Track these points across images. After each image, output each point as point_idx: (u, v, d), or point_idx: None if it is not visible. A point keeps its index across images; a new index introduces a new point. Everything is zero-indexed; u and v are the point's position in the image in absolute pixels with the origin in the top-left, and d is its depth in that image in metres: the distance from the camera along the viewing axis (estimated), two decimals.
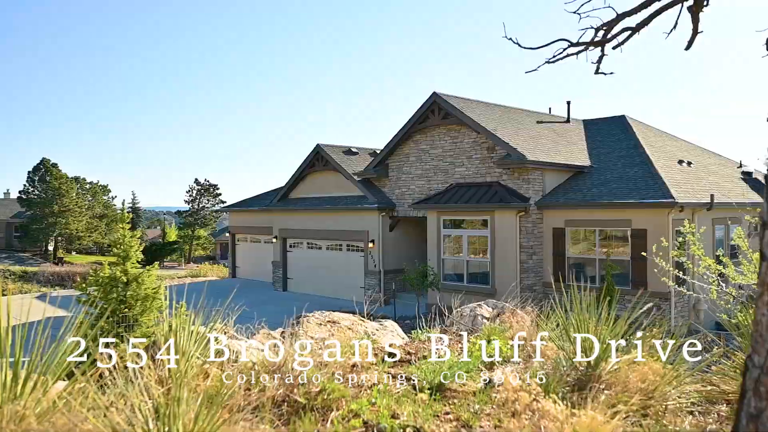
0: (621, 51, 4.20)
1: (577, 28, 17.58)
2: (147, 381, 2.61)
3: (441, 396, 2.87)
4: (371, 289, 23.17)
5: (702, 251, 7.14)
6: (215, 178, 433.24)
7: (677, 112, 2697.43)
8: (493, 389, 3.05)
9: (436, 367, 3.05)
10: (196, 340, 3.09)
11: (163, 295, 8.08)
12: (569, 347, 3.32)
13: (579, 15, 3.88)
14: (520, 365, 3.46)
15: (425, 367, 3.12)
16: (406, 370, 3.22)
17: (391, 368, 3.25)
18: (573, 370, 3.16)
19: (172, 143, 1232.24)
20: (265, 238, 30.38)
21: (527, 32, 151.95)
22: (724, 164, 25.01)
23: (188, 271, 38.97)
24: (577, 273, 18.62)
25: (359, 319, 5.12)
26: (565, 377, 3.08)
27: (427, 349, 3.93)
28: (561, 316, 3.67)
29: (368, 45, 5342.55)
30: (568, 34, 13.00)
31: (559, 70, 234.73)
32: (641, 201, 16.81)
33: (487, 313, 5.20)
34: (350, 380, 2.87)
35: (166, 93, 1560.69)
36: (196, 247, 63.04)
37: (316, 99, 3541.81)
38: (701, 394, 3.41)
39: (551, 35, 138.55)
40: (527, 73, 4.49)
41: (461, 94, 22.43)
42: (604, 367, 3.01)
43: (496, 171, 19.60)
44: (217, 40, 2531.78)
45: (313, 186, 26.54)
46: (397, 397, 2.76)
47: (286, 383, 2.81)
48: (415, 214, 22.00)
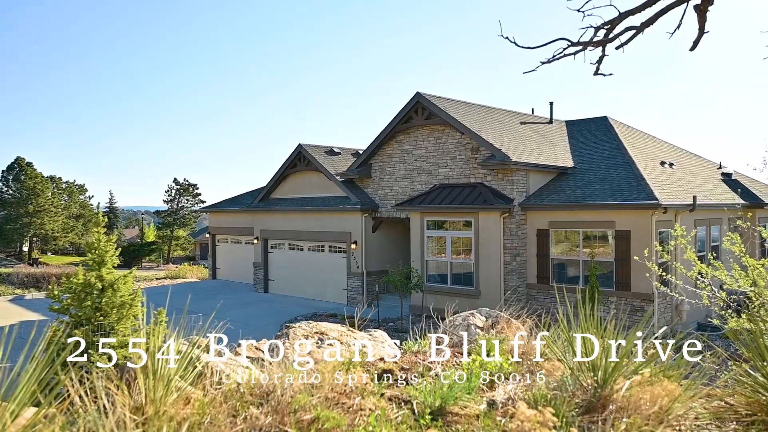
0: (623, 51, 4.03)
1: (574, 27, 17.38)
2: (121, 411, 2.37)
3: (443, 421, 2.66)
4: (354, 290, 22.94)
5: (695, 255, 7.02)
6: (195, 178, 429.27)
7: (654, 113, 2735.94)
8: (497, 412, 2.85)
9: (436, 388, 2.84)
10: (176, 360, 2.84)
11: (140, 301, 7.78)
12: (574, 364, 3.14)
13: (583, 13, 3.71)
14: (521, 383, 3.27)
15: (424, 387, 2.91)
16: (403, 391, 3.01)
17: (388, 389, 3.04)
18: (580, 390, 2.97)
19: (151, 142, 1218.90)
20: (246, 239, 29.98)
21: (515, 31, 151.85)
22: (704, 165, 25.21)
23: (167, 272, 38.32)
24: (560, 274, 18.60)
25: (348, 330, 4.89)
26: (572, 398, 2.90)
27: (422, 364, 3.72)
28: (564, 328, 3.48)
29: (351, 45, 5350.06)
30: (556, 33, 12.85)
31: (547, 71, 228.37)
32: (625, 202, 16.81)
33: (481, 322, 5.01)
34: (344, 405, 2.66)
35: (145, 91, 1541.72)
36: (175, 248, 62.17)
37: (299, 99, 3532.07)
38: (709, 411, 3.25)
39: (540, 34, 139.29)
40: (525, 74, 4.31)
41: (444, 94, 22.30)
42: (615, 387, 2.83)
43: (480, 172, 19.48)
44: (198, 38, 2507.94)
45: (295, 186, 26.22)
46: (396, 425, 2.55)
47: (275, 408, 2.59)
48: (399, 215, 21.81)
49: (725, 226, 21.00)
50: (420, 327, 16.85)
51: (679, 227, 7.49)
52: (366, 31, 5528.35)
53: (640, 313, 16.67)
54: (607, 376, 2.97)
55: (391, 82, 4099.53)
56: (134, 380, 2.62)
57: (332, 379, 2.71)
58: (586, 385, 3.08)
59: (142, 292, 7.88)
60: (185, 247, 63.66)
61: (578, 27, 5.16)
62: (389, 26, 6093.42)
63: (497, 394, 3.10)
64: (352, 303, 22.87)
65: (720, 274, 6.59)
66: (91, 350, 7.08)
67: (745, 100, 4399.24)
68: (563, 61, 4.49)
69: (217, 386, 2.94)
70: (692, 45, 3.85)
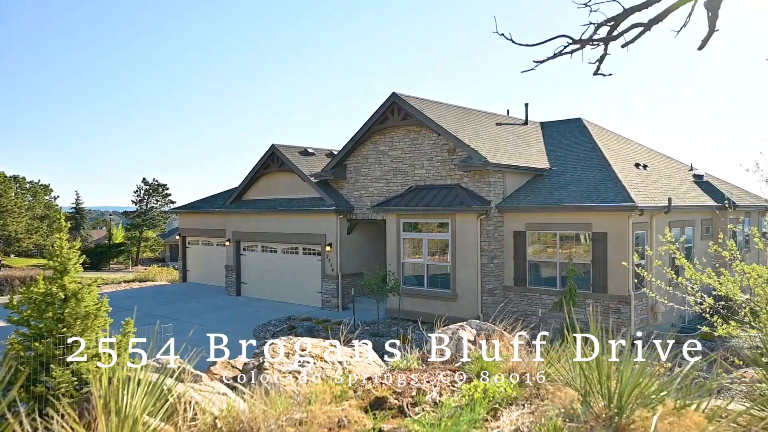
0: (627, 50, 3.79)
1: (566, 23, 16.98)
2: None
3: None
4: (329, 293, 22.55)
5: (685, 260, 6.87)
6: (165, 179, 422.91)
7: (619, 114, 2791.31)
8: None
9: (438, 422, 2.55)
10: (144, 393, 2.50)
11: (106, 311, 7.33)
12: (585, 387, 2.88)
13: (589, 8, 3.45)
14: (526, 409, 3.00)
15: (424, 419, 2.62)
16: (401, 424, 2.71)
17: (384, 421, 2.74)
18: (593, 419, 2.71)
19: (120, 142, 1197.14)
20: (217, 241, 29.34)
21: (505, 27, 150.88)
22: (676, 167, 25.45)
23: (136, 275, 37.35)
24: (537, 276, 18.51)
25: (330, 345, 4.58)
26: (585, 430, 2.63)
27: (415, 388, 3.43)
28: (571, 344, 3.21)
29: (327, 44, 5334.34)
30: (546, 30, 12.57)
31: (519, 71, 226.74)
32: (602, 204, 16.77)
33: (471, 335, 4.73)
34: None
35: (115, 91, 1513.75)
36: (144, 249, 60.84)
37: (272, 100, 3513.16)
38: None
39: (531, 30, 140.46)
40: (523, 73, 4.04)
41: (420, 95, 22.07)
42: (632, 417, 2.57)
43: (456, 173, 19.29)
44: (171, 39, 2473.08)
45: (268, 187, 25.72)
46: None
47: None
48: (374, 217, 21.50)
49: (698, 227, 21.19)
50: (397, 331, 16.54)
51: (668, 233, 7.34)
52: (342, 31, 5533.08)
53: (617, 315, 16.66)
54: (623, 403, 2.71)
55: (367, 83, 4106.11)
56: (94, 420, 2.28)
57: (322, 415, 2.40)
58: (598, 411, 2.82)
59: (108, 302, 7.43)
60: (155, 249, 62.36)
61: (568, 24, 4.93)
62: (365, 25, 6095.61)
63: (503, 424, 2.82)
64: (327, 306, 22.49)
65: (711, 280, 6.44)
66: (52, 365, 6.63)
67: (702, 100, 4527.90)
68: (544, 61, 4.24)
69: (191, 423, 2.60)
70: (701, 44, 3.63)
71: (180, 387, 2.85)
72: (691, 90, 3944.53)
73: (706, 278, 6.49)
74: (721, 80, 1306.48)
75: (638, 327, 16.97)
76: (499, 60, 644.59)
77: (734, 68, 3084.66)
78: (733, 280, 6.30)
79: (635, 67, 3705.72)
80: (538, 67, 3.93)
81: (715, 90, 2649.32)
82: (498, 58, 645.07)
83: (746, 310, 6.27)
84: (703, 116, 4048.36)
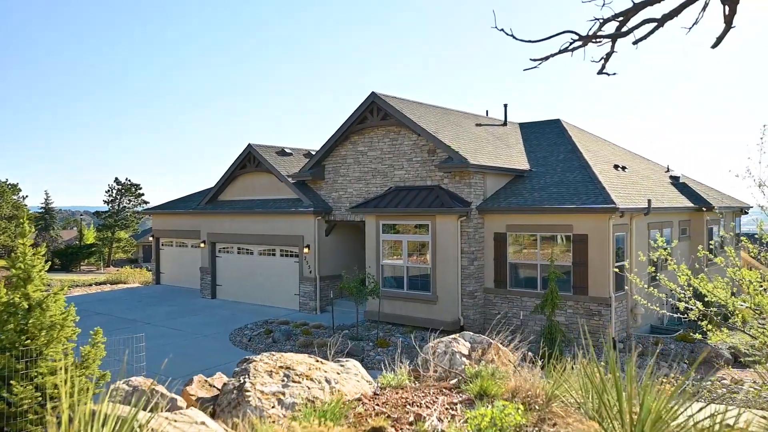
0: (636, 48, 3.55)
1: (571, 19, 16.66)
2: None
3: None
4: (306, 296, 22.17)
5: (676, 265, 6.72)
6: (139, 179, 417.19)
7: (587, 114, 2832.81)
8: None
9: None
10: None
11: (73, 321, 6.92)
12: (601, 412, 2.63)
13: (603, 2, 3.21)
14: None
15: None
16: None
17: None
18: None
19: (92, 141, 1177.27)
20: (192, 243, 28.74)
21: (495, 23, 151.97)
22: (653, 169, 25.60)
23: (108, 276, 36.44)
24: (518, 278, 18.38)
25: (316, 361, 4.27)
26: None
27: (412, 413, 3.14)
28: (594, 364, 2.95)
29: (305, 43, 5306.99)
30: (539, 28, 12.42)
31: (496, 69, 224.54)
32: (583, 206, 16.69)
33: (465, 349, 4.46)
34: None
35: (88, 90, 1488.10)
36: (116, 250, 59.57)
37: (250, 100, 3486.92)
38: None
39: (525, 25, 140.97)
40: (525, 70, 3.79)
41: (400, 95, 21.82)
42: None
43: (437, 174, 19.08)
44: (147, 38, 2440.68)
45: (244, 188, 25.23)
46: None
47: None
48: (353, 218, 21.19)
49: (676, 228, 21.30)
50: (376, 335, 16.19)
51: (661, 238, 7.18)
52: (319, 30, 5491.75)
53: (598, 317, 16.60)
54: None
55: (345, 83, 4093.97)
56: None
57: None
58: None
59: (77, 309, 7.01)
60: (127, 250, 61.12)
61: (565, 20, 4.68)
62: (343, 24, 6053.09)
63: None
64: (305, 309, 22.11)
65: (703, 285, 6.29)
66: (13, 381, 6.20)
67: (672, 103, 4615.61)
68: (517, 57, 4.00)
69: None
70: (715, 41, 3.41)
71: (153, 422, 2.52)
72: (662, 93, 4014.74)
73: (697, 283, 6.34)
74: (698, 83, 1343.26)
75: (619, 329, 16.94)
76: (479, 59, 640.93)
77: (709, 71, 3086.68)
78: (724, 287, 6.16)
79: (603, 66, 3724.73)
80: (541, 64, 3.68)
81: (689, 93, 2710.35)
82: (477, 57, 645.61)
83: (739, 317, 6.13)
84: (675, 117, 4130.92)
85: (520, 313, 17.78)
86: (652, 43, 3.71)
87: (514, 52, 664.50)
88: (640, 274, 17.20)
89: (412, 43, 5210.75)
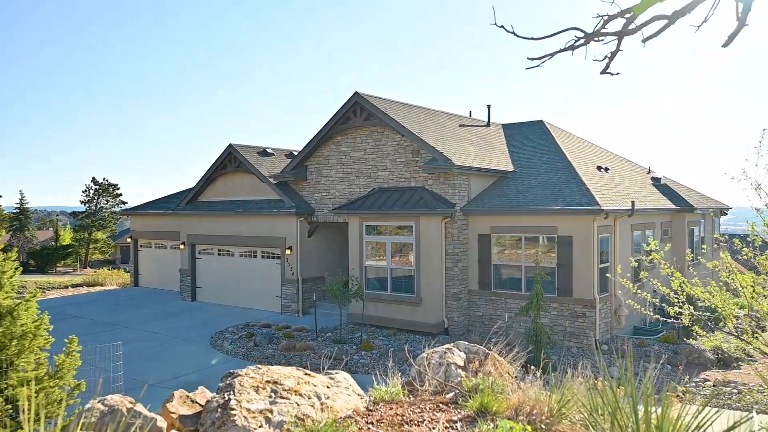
0: (644, 46, 3.39)
1: (567, 16, 16.62)
2: None
3: None
4: (288, 298, 21.87)
5: (670, 269, 6.60)
6: (117, 179, 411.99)
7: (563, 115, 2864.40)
8: None
9: None
10: None
11: (46, 329, 6.61)
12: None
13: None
14: None
15: None
16: None
17: None
18: None
19: (67, 139, 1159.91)
20: (171, 244, 28.25)
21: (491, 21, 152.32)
22: (635, 170, 25.72)
23: (84, 278, 35.69)
24: (502, 280, 18.28)
25: (305, 374, 4.05)
26: None
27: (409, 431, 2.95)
28: (606, 378, 2.77)
29: (288, 42, 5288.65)
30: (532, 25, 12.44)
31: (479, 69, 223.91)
32: (568, 208, 16.64)
33: (461, 360, 4.27)
34: None
35: (64, 87, 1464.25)
36: (93, 251, 58.49)
37: (231, 100, 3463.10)
38: None
39: None
40: (528, 69, 3.61)
41: (383, 95, 21.62)
42: None
43: (421, 175, 18.91)
44: (127, 36, 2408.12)
45: (225, 189, 24.84)
46: None
47: None
48: (336, 220, 20.94)
49: (658, 230, 21.39)
50: (360, 337, 15.93)
51: (653, 241, 7.07)
52: (303, 28, 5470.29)
53: (582, 319, 16.56)
54: None
55: (328, 83, 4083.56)
56: None
57: None
58: None
59: (50, 317, 6.70)
60: (105, 251, 60.08)
61: (564, 17, 4.53)
62: (326, 23, 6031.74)
63: None
64: (287, 311, 21.81)
65: (696, 291, 6.18)
66: None
67: None
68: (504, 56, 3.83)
69: None
70: (727, 40, 3.26)
71: None
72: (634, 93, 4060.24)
73: (692, 290, 6.23)
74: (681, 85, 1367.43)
75: (603, 330, 16.92)
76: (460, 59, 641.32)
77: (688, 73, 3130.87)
78: (721, 294, 6.06)
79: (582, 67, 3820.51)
80: (544, 62, 3.51)
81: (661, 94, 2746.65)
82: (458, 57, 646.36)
83: (733, 320, 6.03)
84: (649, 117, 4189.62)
85: (504, 315, 17.68)
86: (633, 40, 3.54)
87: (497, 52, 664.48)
88: (624, 275, 17.22)
89: (395, 44, 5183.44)
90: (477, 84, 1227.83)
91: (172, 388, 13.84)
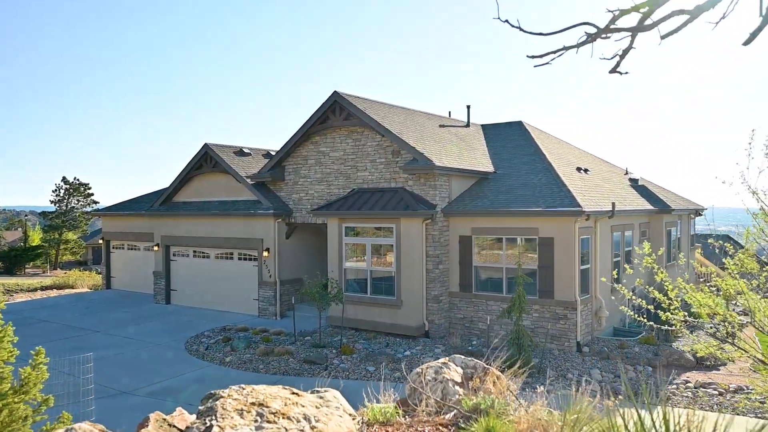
0: (660, 44, 3.17)
1: (566, 15, 16.41)
2: None
3: None
4: (266, 301, 21.45)
5: (664, 273, 6.46)
6: (89, 178, 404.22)
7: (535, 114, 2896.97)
8: None
9: None
10: None
11: (10, 341, 6.20)
12: None
13: None
14: None
15: None
16: None
17: None
18: None
19: (36, 138, 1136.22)
20: (145, 246, 27.60)
21: None
22: (613, 171, 25.84)
23: (54, 280, 34.73)
24: (483, 282, 18.13)
25: (292, 393, 3.76)
26: None
27: None
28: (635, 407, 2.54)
29: (265, 42, 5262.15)
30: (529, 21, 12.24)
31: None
32: (550, 209, 16.54)
33: (458, 376, 4.03)
34: None
35: (31, 82, 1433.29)
36: (64, 252, 57.13)
37: (208, 100, 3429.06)
38: None
39: None
40: (536, 67, 3.37)
41: (363, 95, 21.34)
42: None
43: (401, 176, 18.67)
44: (104, 32, 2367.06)
45: (200, 189, 24.30)
46: None
47: None
48: (315, 221, 20.59)
49: (636, 230, 21.46)
50: (340, 341, 15.55)
51: (647, 244, 6.92)
52: (281, 28, 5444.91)
53: (564, 321, 16.48)
54: None
55: (307, 83, 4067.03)
56: None
57: None
58: None
59: (12, 331, 6.29)
60: (75, 252, 58.74)
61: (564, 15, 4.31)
62: (305, 23, 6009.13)
63: None
64: (265, 314, 21.39)
65: (690, 296, 6.04)
66: None
67: None
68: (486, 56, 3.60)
69: None
70: (748, 37, 3.05)
71: None
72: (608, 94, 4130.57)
73: (687, 296, 6.10)
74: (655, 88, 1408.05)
75: (584, 332, 16.86)
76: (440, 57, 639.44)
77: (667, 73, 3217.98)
78: (714, 300, 5.93)
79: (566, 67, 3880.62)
80: (553, 60, 3.27)
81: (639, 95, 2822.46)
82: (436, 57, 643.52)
83: (728, 328, 5.90)
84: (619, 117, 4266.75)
85: (486, 317, 17.53)
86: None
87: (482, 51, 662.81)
88: (605, 277, 17.19)
89: (376, 44, 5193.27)
90: (456, 84, 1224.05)
91: (146, 396, 13.35)
